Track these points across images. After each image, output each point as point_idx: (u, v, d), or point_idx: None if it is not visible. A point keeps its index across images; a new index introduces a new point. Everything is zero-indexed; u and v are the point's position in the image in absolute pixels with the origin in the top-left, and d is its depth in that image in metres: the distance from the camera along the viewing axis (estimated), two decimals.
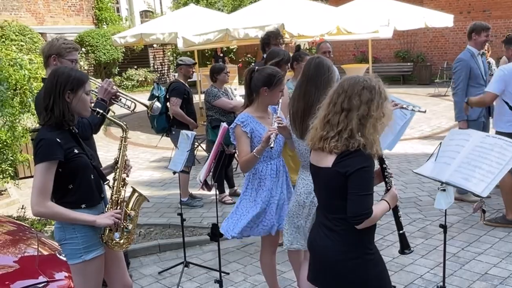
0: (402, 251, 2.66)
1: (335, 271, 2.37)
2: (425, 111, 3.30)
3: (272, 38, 4.94)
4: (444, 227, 3.16)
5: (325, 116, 2.37)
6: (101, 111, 2.96)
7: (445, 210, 3.06)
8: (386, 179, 2.48)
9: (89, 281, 2.74)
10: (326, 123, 2.35)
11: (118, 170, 2.87)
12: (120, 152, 2.90)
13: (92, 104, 2.92)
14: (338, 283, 2.39)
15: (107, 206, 2.82)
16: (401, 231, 2.60)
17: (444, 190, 2.89)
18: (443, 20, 12.19)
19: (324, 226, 2.42)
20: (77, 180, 2.66)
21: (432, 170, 2.98)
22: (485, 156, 2.73)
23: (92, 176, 2.75)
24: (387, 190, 2.46)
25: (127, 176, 2.91)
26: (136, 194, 2.92)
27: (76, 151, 2.65)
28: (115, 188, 2.83)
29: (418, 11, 12.27)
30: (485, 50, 7.14)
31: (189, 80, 6.32)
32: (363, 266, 2.34)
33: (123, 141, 2.92)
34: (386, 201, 2.40)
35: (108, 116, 3.07)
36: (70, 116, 2.64)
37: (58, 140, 2.56)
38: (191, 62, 6.18)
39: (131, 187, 2.96)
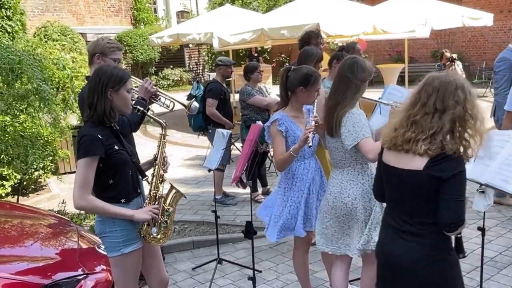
0: (457, 255, 2.60)
1: (420, 275, 2.24)
2: None
3: (313, 38, 4.91)
4: (482, 230, 3.10)
5: (411, 116, 2.22)
6: (141, 108, 3.05)
7: (484, 213, 3.01)
8: None
9: (127, 274, 2.82)
10: (413, 124, 2.21)
11: (156, 166, 2.93)
12: (159, 149, 2.97)
13: (133, 102, 3.00)
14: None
15: (145, 201, 2.89)
16: (459, 235, 2.53)
17: (482, 192, 2.83)
18: (483, 19, 11.87)
19: (404, 232, 2.27)
20: (116, 175, 2.74)
21: (470, 172, 2.91)
22: None
23: (130, 172, 2.83)
24: None
25: (165, 172, 2.97)
26: (174, 190, 2.98)
27: (116, 147, 2.73)
28: (153, 184, 2.90)
29: (457, 10, 11.99)
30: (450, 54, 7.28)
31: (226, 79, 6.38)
32: (449, 267, 2.26)
33: (162, 138, 2.99)
34: None
35: (148, 113, 3.16)
36: (112, 113, 2.72)
37: (99, 136, 2.64)
38: (230, 63, 6.22)
39: (169, 183, 3.02)
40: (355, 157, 3.08)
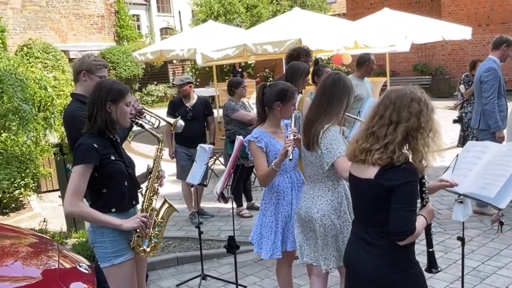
0: (429, 270, 2.59)
1: (379, 287, 2.31)
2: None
3: (302, 56, 4.91)
4: (462, 239, 3.13)
5: (369, 128, 2.32)
6: (140, 121, 3.13)
7: (463, 222, 3.04)
8: (424, 195, 2.41)
9: (122, 285, 2.83)
10: (370, 135, 2.30)
11: (151, 179, 2.97)
12: (154, 162, 3.02)
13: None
14: None
15: (138, 213, 2.92)
16: (431, 249, 2.55)
17: (461, 202, 2.87)
18: (462, 33, 12.12)
19: (363, 241, 2.36)
20: (110, 185, 2.78)
21: None
22: (500, 163, 2.71)
23: (126, 183, 2.85)
24: (423, 206, 2.40)
25: (160, 186, 3.01)
26: (167, 204, 3.02)
27: (112, 157, 2.78)
28: (146, 196, 2.94)
29: (436, 24, 12.22)
30: None
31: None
32: (409, 280, 2.29)
33: (158, 151, 3.04)
34: (424, 216, 2.34)
35: (147, 128, 3.21)
36: (113, 125, 2.79)
37: (95, 145, 2.70)
38: (179, 83, 6.08)
39: (163, 197, 3.06)
40: (327, 173, 3.08)
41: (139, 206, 3.00)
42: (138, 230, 2.80)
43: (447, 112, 14.03)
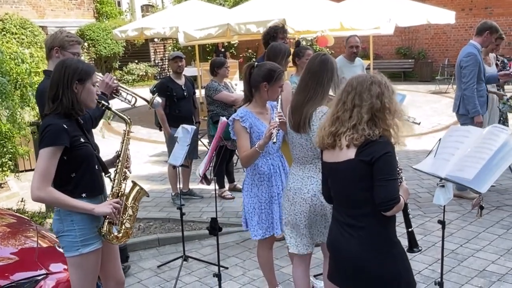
0: (410, 250, 2.64)
1: (364, 269, 2.35)
2: (419, 123, 3.37)
3: (279, 33, 4.85)
4: (442, 223, 3.16)
5: (334, 114, 2.40)
6: (106, 103, 2.98)
7: (444, 206, 3.07)
8: (398, 174, 2.44)
9: (85, 275, 2.73)
10: (335, 120, 2.39)
11: (120, 163, 2.87)
12: (122, 145, 2.91)
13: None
14: (368, 281, 2.36)
15: (107, 198, 2.83)
16: (410, 229, 2.60)
17: (443, 186, 2.89)
18: (445, 17, 12.15)
19: (346, 225, 2.40)
20: (81, 169, 2.67)
21: (431, 166, 2.97)
22: (480, 146, 2.72)
23: (96, 166, 2.77)
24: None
25: (129, 170, 2.91)
26: (137, 188, 2.91)
27: (82, 140, 2.67)
28: (116, 181, 2.83)
29: (420, 8, 12.22)
30: None
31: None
32: (392, 260, 2.35)
33: (126, 134, 2.93)
34: (400, 195, 2.37)
35: (113, 109, 3.08)
36: (80, 106, 2.67)
37: (65, 126, 2.58)
38: (172, 56, 6.10)
39: (132, 181, 2.96)
40: (317, 154, 3.08)
41: (108, 192, 2.90)
42: (109, 216, 2.70)
43: (428, 96, 14.18)
